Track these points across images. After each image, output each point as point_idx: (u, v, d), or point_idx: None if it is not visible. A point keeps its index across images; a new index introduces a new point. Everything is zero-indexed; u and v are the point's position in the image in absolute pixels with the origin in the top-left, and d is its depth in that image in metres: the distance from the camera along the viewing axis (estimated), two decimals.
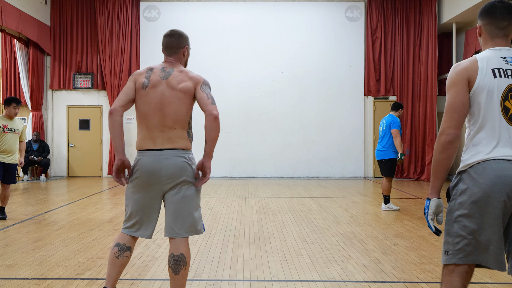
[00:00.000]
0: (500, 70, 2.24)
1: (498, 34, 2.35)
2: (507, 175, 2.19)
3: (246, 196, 9.75)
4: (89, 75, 13.94)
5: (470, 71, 2.27)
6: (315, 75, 13.86)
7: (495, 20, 2.35)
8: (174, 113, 3.10)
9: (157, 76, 3.16)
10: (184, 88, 3.13)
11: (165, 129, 3.10)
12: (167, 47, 3.29)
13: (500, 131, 2.24)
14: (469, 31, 12.75)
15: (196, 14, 13.90)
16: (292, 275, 4.32)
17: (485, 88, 2.24)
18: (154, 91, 3.14)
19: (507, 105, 2.23)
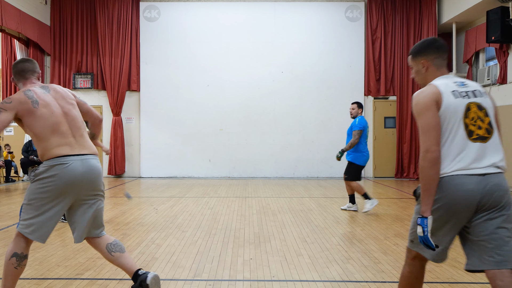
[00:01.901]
0: (456, 92, 2.59)
1: (443, 65, 2.77)
2: (467, 189, 2.47)
3: (246, 196, 9.75)
4: (89, 75, 13.94)
5: (436, 95, 2.57)
6: (315, 75, 13.86)
7: (442, 54, 2.78)
8: None
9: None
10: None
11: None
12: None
13: (462, 146, 2.52)
14: (469, 31, 12.75)
15: (196, 14, 13.90)
16: (292, 275, 4.32)
17: (449, 109, 2.54)
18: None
19: (466, 122, 2.54)
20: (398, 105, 13.71)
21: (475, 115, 2.55)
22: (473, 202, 2.49)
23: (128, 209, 8.00)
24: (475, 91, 2.63)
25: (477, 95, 2.62)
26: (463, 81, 2.69)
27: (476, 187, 2.48)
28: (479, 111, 2.57)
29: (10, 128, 13.96)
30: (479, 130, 2.54)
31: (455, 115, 2.54)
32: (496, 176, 2.53)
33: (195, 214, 7.49)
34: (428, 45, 2.79)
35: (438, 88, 2.60)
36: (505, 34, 10.27)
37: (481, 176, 2.49)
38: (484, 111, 2.59)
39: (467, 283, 4.08)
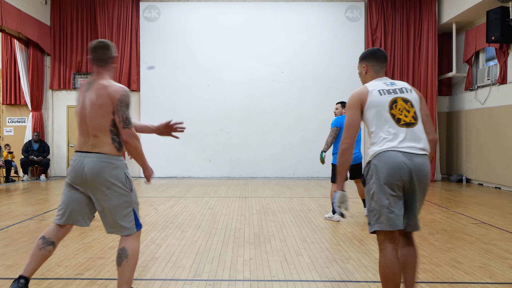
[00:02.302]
0: (383, 90, 3.14)
1: (380, 71, 3.34)
2: (397, 161, 2.96)
3: (246, 196, 9.75)
4: (89, 75, 13.94)
5: (362, 95, 3.14)
6: (315, 75, 13.86)
7: (380, 62, 3.33)
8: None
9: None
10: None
11: None
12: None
13: (390, 131, 3.04)
14: (469, 31, 12.74)
15: (196, 14, 13.90)
16: (292, 275, 4.32)
17: (374, 104, 3.10)
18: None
19: (393, 113, 3.07)
20: None
21: (401, 106, 3.09)
22: (405, 171, 2.95)
23: None
24: (401, 88, 3.17)
25: (403, 92, 3.15)
26: (393, 82, 3.25)
27: (404, 160, 2.96)
28: (404, 104, 3.10)
29: (10, 128, 13.97)
30: (405, 118, 3.06)
31: (383, 107, 3.08)
32: (420, 157, 3.01)
33: (195, 214, 7.49)
34: (370, 54, 3.37)
35: (367, 88, 3.16)
36: (505, 34, 10.27)
37: (406, 153, 2.98)
38: (409, 103, 3.12)
39: (467, 283, 4.08)
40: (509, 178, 10.70)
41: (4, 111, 13.97)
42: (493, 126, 11.45)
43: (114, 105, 3.24)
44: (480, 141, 12.10)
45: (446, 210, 8.04)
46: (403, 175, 2.96)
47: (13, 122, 13.96)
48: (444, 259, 4.85)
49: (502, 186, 11.10)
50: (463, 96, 13.21)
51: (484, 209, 8.08)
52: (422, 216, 7.32)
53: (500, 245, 5.47)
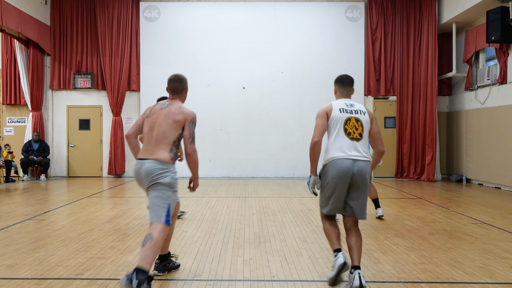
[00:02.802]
0: (343, 109, 4.13)
1: (344, 93, 4.32)
2: (344, 166, 3.95)
3: (246, 196, 9.75)
4: (89, 75, 13.94)
5: (328, 110, 4.15)
6: (315, 75, 13.85)
7: (345, 86, 4.34)
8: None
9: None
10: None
11: None
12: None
13: (342, 142, 4.03)
14: (469, 31, 12.74)
15: (196, 14, 13.90)
16: (292, 275, 4.32)
17: (335, 118, 4.09)
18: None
19: (347, 128, 4.05)
20: (398, 105, 13.71)
21: (353, 124, 4.07)
22: (349, 173, 3.94)
23: (128, 209, 8.00)
24: (357, 110, 4.15)
25: (358, 113, 4.13)
26: (352, 104, 4.20)
27: (350, 165, 3.95)
28: (356, 123, 4.08)
29: (10, 128, 13.97)
30: (354, 134, 4.05)
31: (339, 122, 4.07)
32: (363, 162, 3.99)
33: (195, 214, 7.49)
34: (339, 80, 4.38)
35: (332, 105, 4.18)
36: (505, 34, 10.27)
37: (351, 160, 3.96)
38: (360, 123, 4.09)
39: (467, 283, 4.08)
40: (509, 178, 10.70)
41: (4, 111, 13.97)
42: (493, 126, 11.45)
43: (187, 123, 4.00)
44: (480, 141, 12.10)
45: (446, 210, 8.04)
46: (347, 174, 3.94)
47: (13, 122, 13.97)
48: (444, 259, 4.85)
49: (502, 186, 11.10)
50: (463, 96, 13.21)
51: (484, 209, 8.08)
52: (422, 216, 7.33)
53: (500, 245, 5.47)
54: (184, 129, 4.00)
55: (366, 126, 4.10)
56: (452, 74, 13.28)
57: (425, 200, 9.30)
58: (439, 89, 13.87)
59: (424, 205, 8.63)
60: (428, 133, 13.25)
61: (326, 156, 4.08)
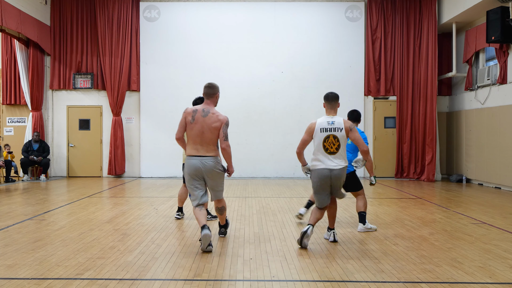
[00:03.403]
0: (323, 128, 5.28)
1: (330, 108, 5.44)
2: (324, 174, 5.27)
3: (246, 196, 9.75)
4: (89, 75, 13.94)
5: (312, 128, 5.37)
6: (315, 75, 13.85)
7: (329, 102, 5.43)
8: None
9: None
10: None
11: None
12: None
13: (321, 155, 5.29)
14: (469, 31, 12.74)
15: (196, 14, 13.90)
16: (292, 275, 4.32)
17: (316, 136, 5.31)
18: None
19: (325, 145, 5.25)
20: (398, 105, 13.71)
21: (331, 141, 5.24)
22: (328, 179, 5.25)
23: (128, 209, 8.00)
24: (335, 128, 5.25)
25: (336, 131, 5.24)
26: (333, 121, 5.28)
27: (328, 173, 5.24)
28: (333, 139, 5.24)
29: (10, 128, 13.97)
30: (331, 149, 5.25)
31: (320, 140, 5.28)
32: (338, 169, 5.25)
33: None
34: (325, 96, 5.49)
35: (316, 123, 5.34)
36: (505, 34, 10.27)
37: (329, 169, 5.24)
38: (336, 139, 5.24)
39: (467, 283, 4.08)
40: (509, 178, 10.70)
41: (4, 111, 13.97)
42: (493, 126, 11.45)
43: (222, 124, 5.31)
44: (480, 141, 12.10)
45: (446, 210, 8.04)
46: (326, 179, 5.27)
47: (13, 122, 13.97)
48: (444, 259, 4.85)
49: (502, 186, 11.10)
50: (463, 96, 13.21)
51: (484, 209, 8.08)
52: (422, 216, 7.33)
53: (500, 245, 5.47)
54: (220, 130, 5.29)
55: (342, 141, 5.25)
56: (452, 74, 13.28)
57: (425, 200, 9.30)
58: (439, 89, 13.87)
59: (424, 205, 8.63)
60: (428, 133, 13.25)
61: (311, 163, 5.39)
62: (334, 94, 5.45)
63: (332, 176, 5.22)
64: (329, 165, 5.21)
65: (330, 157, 5.23)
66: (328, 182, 5.26)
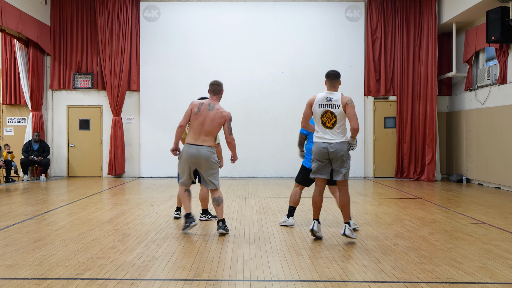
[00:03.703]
0: (321, 104, 5.45)
1: (330, 85, 5.55)
2: (323, 147, 5.42)
3: (246, 196, 9.75)
4: (89, 75, 13.94)
5: (311, 102, 5.54)
6: (315, 75, 13.80)
7: (330, 80, 5.55)
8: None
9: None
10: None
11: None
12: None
13: (321, 129, 5.46)
14: (469, 31, 12.74)
15: (196, 14, 13.90)
16: (292, 275, 4.32)
17: (315, 111, 5.49)
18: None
19: (323, 119, 5.42)
20: (398, 105, 13.71)
21: (328, 116, 5.40)
22: (325, 152, 5.39)
23: (128, 209, 8.00)
24: (333, 104, 5.38)
25: (333, 107, 5.38)
26: (331, 97, 5.41)
27: (326, 146, 5.39)
28: (330, 115, 5.39)
29: (10, 128, 13.97)
30: (328, 123, 5.41)
31: (318, 115, 5.45)
32: (336, 143, 5.38)
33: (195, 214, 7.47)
34: (327, 74, 5.59)
35: (315, 98, 5.51)
36: (505, 34, 10.27)
37: (327, 143, 5.40)
38: (334, 115, 5.38)
39: (467, 283, 4.08)
40: (509, 178, 10.70)
41: (4, 111, 13.97)
42: (493, 126, 11.45)
43: (226, 121, 5.82)
44: (480, 141, 12.10)
45: (446, 210, 8.04)
46: (325, 153, 5.41)
47: (13, 122, 13.97)
48: (444, 259, 4.85)
49: (502, 186, 11.09)
50: (463, 96, 13.20)
51: (484, 209, 8.08)
52: (422, 216, 7.33)
53: (500, 245, 5.47)
54: (224, 126, 5.82)
55: (339, 117, 5.37)
56: (452, 74, 13.28)
57: (425, 200, 9.30)
58: (439, 89, 13.86)
59: (424, 205, 8.63)
60: (428, 133, 13.24)
61: (314, 138, 5.59)
62: (336, 72, 5.58)
63: (330, 149, 5.36)
64: (327, 139, 5.39)
65: (328, 131, 5.40)
66: (326, 156, 5.40)
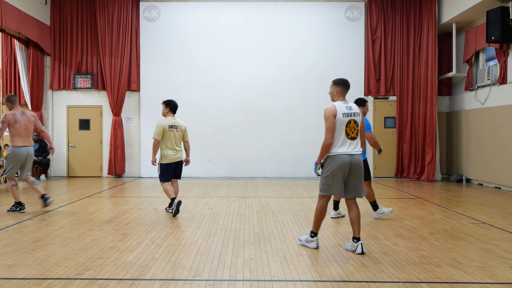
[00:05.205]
0: (345, 113, 5.08)
1: (344, 94, 5.25)
2: (345, 159, 5.01)
3: (246, 196, 9.75)
4: (89, 75, 13.94)
5: (334, 112, 5.05)
6: (315, 75, 13.85)
7: (345, 88, 5.27)
8: None
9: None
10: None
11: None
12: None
13: (343, 141, 5.06)
14: (469, 31, 12.74)
15: (196, 14, 13.90)
16: (292, 275, 4.32)
17: (339, 121, 5.04)
18: None
19: (347, 130, 5.06)
20: (398, 105, 13.71)
21: (352, 126, 5.09)
22: (348, 164, 5.02)
23: (128, 209, 8.00)
24: (354, 113, 5.13)
25: (355, 116, 5.12)
26: (350, 106, 5.16)
27: (349, 159, 5.03)
28: (354, 124, 5.10)
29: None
30: (352, 134, 5.10)
31: (342, 125, 5.05)
32: (358, 156, 5.09)
33: (195, 214, 7.49)
34: (343, 82, 5.29)
35: (336, 108, 5.08)
36: (505, 34, 10.27)
37: (349, 155, 5.04)
38: (356, 123, 5.12)
39: (467, 283, 4.08)
40: (509, 178, 10.70)
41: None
42: (493, 126, 11.45)
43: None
44: (480, 141, 12.10)
45: (446, 210, 8.04)
46: (346, 166, 5.02)
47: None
48: (444, 259, 4.85)
49: (502, 186, 11.09)
50: (463, 96, 13.20)
51: (484, 209, 8.08)
52: (422, 216, 7.33)
53: (500, 245, 5.47)
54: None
55: (359, 125, 5.19)
56: (452, 74, 13.28)
57: (425, 200, 9.30)
58: (439, 89, 13.87)
59: (424, 205, 8.63)
60: (428, 133, 13.25)
61: (332, 150, 5.09)
62: (348, 81, 5.38)
63: (353, 162, 5.02)
64: (350, 151, 5.03)
65: (351, 142, 5.07)
66: (347, 169, 5.02)
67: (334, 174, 5.03)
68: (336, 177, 5.03)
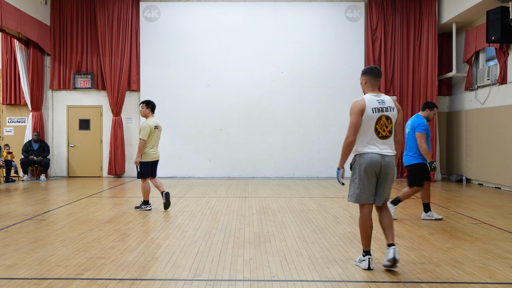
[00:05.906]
0: (375, 108, 4.39)
1: (375, 85, 4.56)
2: (374, 160, 4.37)
3: (246, 196, 9.75)
4: (89, 75, 13.94)
5: (362, 107, 4.38)
6: (315, 75, 13.85)
7: (375, 78, 4.55)
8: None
9: None
10: None
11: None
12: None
13: (371, 138, 4.40)
14: (469, 31, 12.74)
15: (196, 14, 13.90)
16: (292, 275, 4.32)
17: (367, 117, 4.37)
18: None
19: (377, 127, 4.38)
20: None
21: (383, 123, 4.40)
22: (378, 166, 4.39)
23: (128, 209, 8.00)
24: (387, 107, 4.43)
25: (388, 110, 4.42)
26: (383, 99, 4.44)
27: (379, 159, 4.38)
28: (386, 121, 4.41)
29: (10, 128, 13.97)
30: (383, 132, 4.42)
31: (371, 122, 4.38)
32: (390, 157, 4.43)
33: (195, 214, 7.49)
34: (370, 70, 4.57)
35: (365, 101, 4.39)
36: (505, 34, 10.27)
37: (380, 155, 4.39)
38: (389, 120, 4.42)
39: (467, 283, 4.08)
40: (509, 178, 10.70)
41: (4, 111, 13.96)
42: (493, 126, 11.45)
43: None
44: (480, 141, 12.10)
45: (446, 210, 8.04)
46: (376, 168, 4.39)
47: (13, 122, 13.97)
48: (444, 259, 4.85)
49: (502, 186, 11.09)
50: (463, 96, 13.20)
51: (484, 209, 8.07)
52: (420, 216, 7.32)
53: (500, 245, 5.47)
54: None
55: (394, 121, 4.47)
56: (452, 74, 13.28)
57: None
58: (439, 89, 13.87)
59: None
60: None
61: (357, 148, 4.47)
62: (379, 69, 4.61)
63: (383, 164, 4.37)
64: (381, 151, 4.37)
65: (382, 141, 4.39)
66: (377, 170, 4.38)
67: (362, 177, 4.40)
68: (366, 179, 4.40)
